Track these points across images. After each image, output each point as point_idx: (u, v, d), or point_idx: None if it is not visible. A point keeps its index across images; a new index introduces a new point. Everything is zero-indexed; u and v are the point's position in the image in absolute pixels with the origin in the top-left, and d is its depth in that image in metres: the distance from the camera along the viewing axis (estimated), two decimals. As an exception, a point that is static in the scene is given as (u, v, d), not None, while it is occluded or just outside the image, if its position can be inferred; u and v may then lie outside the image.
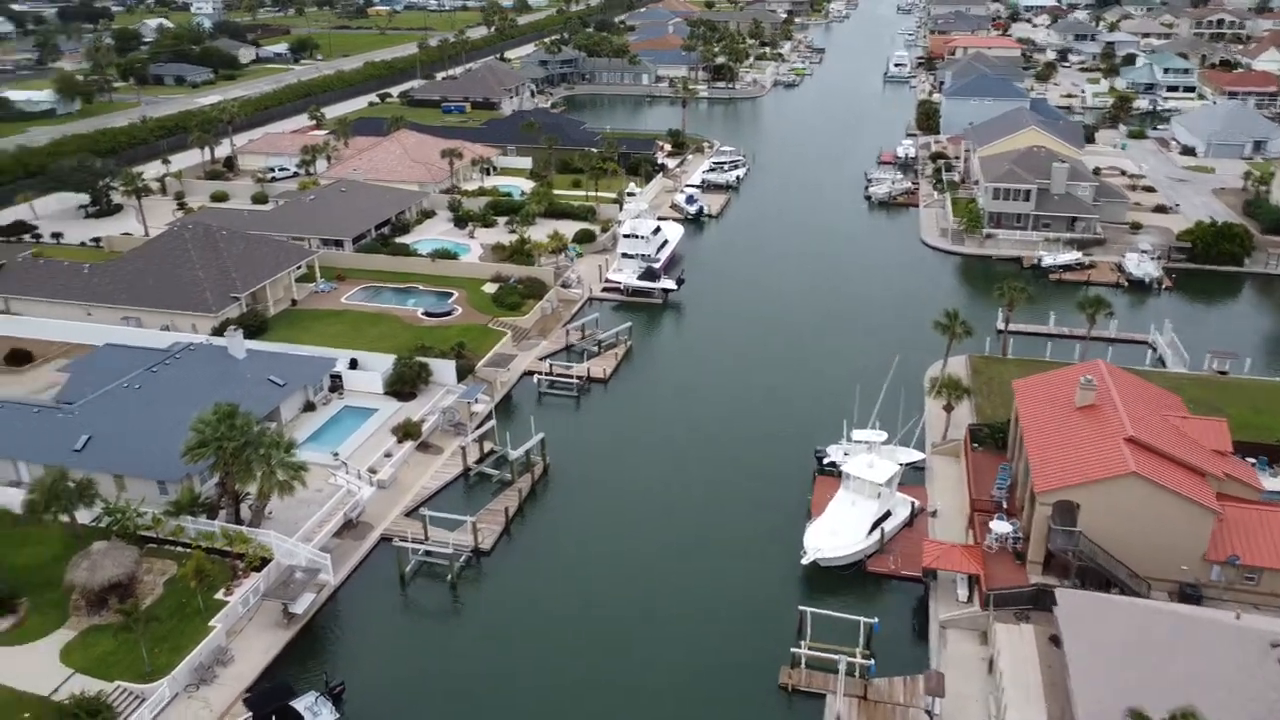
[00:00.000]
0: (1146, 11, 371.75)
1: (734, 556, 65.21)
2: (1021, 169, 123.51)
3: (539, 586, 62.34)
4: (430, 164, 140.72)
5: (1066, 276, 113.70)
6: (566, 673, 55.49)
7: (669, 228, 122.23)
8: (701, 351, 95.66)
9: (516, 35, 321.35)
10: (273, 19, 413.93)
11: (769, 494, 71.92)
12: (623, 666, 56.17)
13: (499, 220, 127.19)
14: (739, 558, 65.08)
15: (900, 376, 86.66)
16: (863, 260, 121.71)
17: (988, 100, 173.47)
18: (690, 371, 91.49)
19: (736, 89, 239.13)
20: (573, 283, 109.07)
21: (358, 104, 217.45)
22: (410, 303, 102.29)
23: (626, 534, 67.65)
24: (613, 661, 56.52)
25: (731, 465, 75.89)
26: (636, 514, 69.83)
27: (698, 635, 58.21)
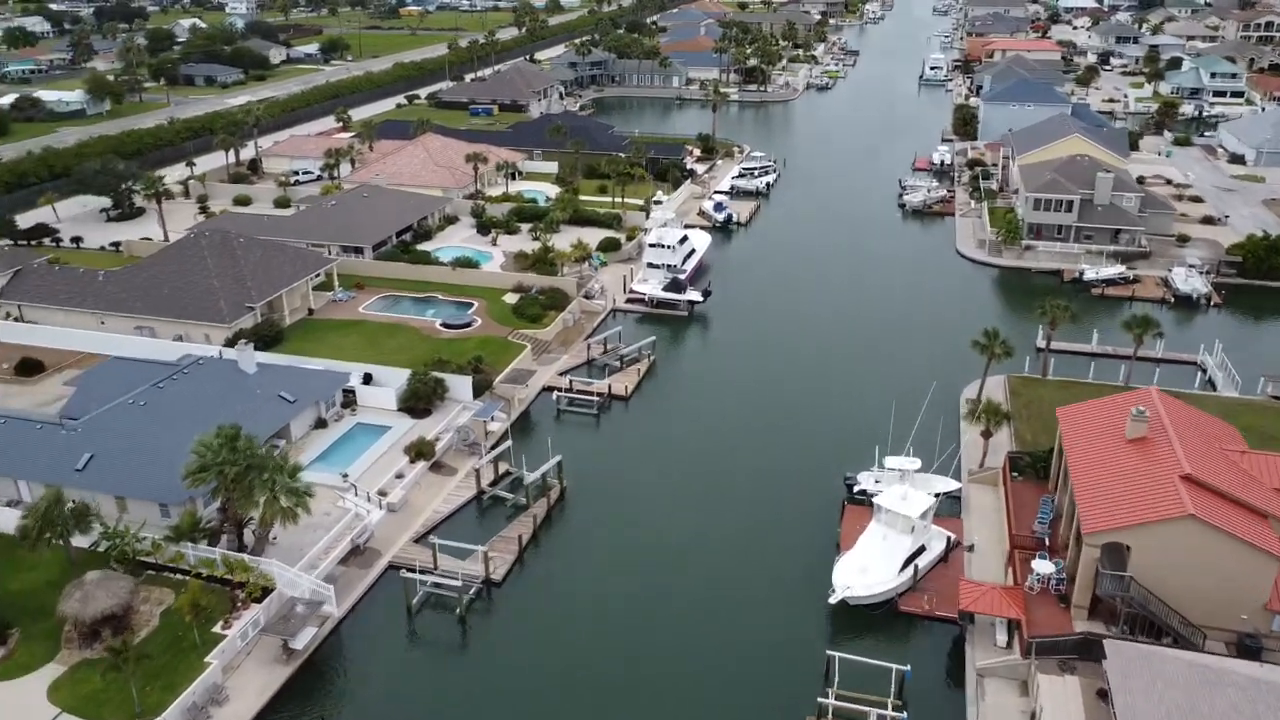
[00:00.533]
0: (1190, 14, 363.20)
1: (757, 593, 61.83)
2: (1064, 178, 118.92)
3: (552, 622, 59.32)
4: (454, 169, 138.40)
5: (1109, 292, 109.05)
6: (579, 717, 52.43)
7: (696, 236, 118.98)
8: (727, 368, 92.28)
9: (547, 36, 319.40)
10: (305, 19, 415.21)
11: (796, 523, 68.47)
12: (637, 715, 52.99)
13: (523, 227, 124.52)
14: (763, 594, 61.70)
15: (935, 398, 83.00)
16: (896, 272, 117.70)
17: (1028, 106, 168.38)
18: (715, 389, 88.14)
19: (768, 92, 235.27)
20: (596, 293, 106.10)
21: (385, 105, 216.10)
22: (429, 313, 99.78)
23: (644, 566, 64.46)
24: (626, 709, 53.36)
25: (756, 491, 72.49)
26: (655, 544, 66.65)
27: (718, 681, 54.87)
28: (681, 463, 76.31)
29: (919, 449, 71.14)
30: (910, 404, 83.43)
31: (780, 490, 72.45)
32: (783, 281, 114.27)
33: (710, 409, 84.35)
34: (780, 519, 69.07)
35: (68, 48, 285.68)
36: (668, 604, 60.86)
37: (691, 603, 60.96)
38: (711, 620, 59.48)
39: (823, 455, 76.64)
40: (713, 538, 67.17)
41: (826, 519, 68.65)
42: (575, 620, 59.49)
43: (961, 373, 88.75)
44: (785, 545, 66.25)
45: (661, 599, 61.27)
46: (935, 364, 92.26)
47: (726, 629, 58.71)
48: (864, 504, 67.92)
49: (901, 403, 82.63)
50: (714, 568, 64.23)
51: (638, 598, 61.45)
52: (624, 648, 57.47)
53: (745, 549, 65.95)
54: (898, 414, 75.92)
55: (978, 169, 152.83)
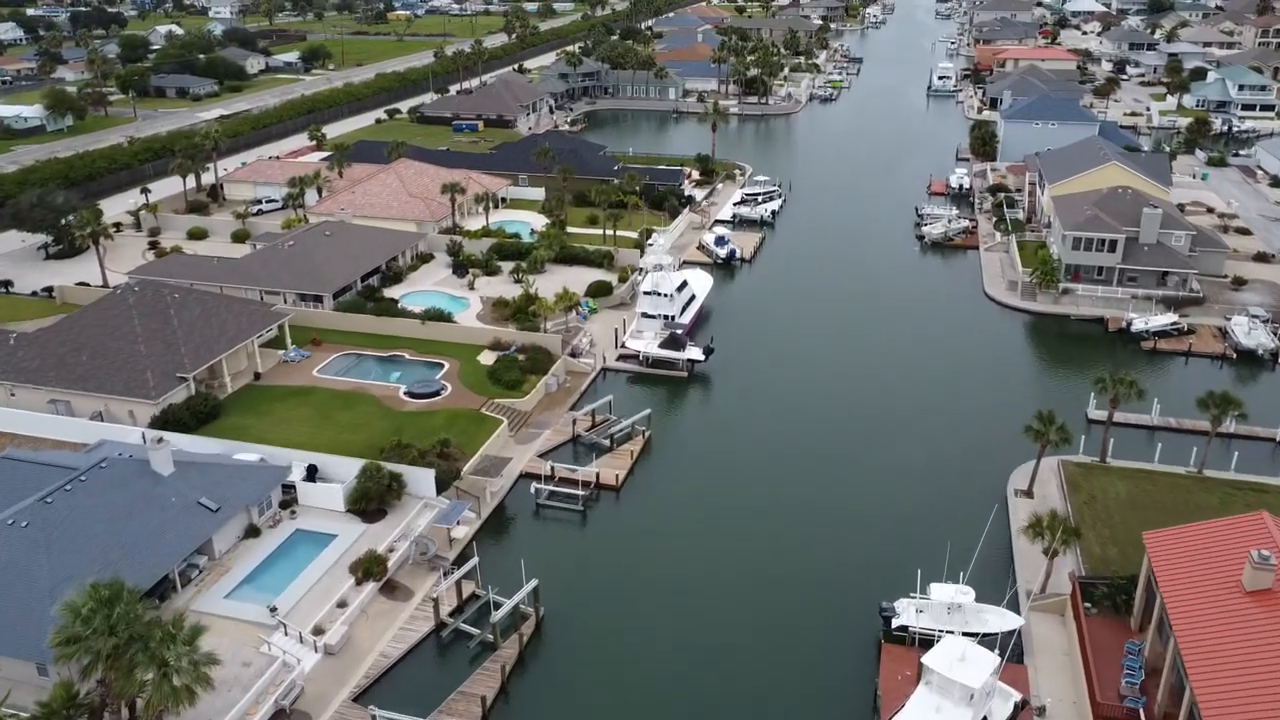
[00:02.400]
0: (1202, 18, 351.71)
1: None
2: (1106, 214, 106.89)
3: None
4: (430, 199, 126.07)
5: (1162, 345, 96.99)
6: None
7: (696, 278, 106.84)
8: (732, 448, 79.88)
9: (538, 43, 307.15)
10: (290, 23, 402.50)
11: (820, 668, 56.28)
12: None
13: (504, 266, 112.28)
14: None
15: (980, 484, 71.19)
16: (919, 320, 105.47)
17: (1051, 124, 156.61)
18: (719, 477, 75.75)
19: (770, 104, 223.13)
20: (583, 350, 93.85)
21: (364, 121, 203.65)
22: (394, 376, 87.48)
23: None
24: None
25: (770, 621, 60.20)
26: (647, 698, 54.39)
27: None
28: (679, 579, 63.97)
29: (959, 551, 59.14)
30: (949, 495, 71.70)
31: (799, 620, 60.17)
32: (793, 333, 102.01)
33: (713, 504, 71.94)
34: (800, 661, 56.81)
35: (35, 56, 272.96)
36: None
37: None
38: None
39: (848, 567, 64.49)
40: (718, 688, 54.91)
41: (858, 661, 56.47)
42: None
43: (1005, 450, 76.95)
44: (808, 699, 54.03)
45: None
46: (974, 439, 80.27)
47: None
48: (904, 643, 55.92)
49: (939, 494, 71.26)
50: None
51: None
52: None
53: (758, 707, 53.70)
54: (935, 509, 64.36)
55: (1001, 195, 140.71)
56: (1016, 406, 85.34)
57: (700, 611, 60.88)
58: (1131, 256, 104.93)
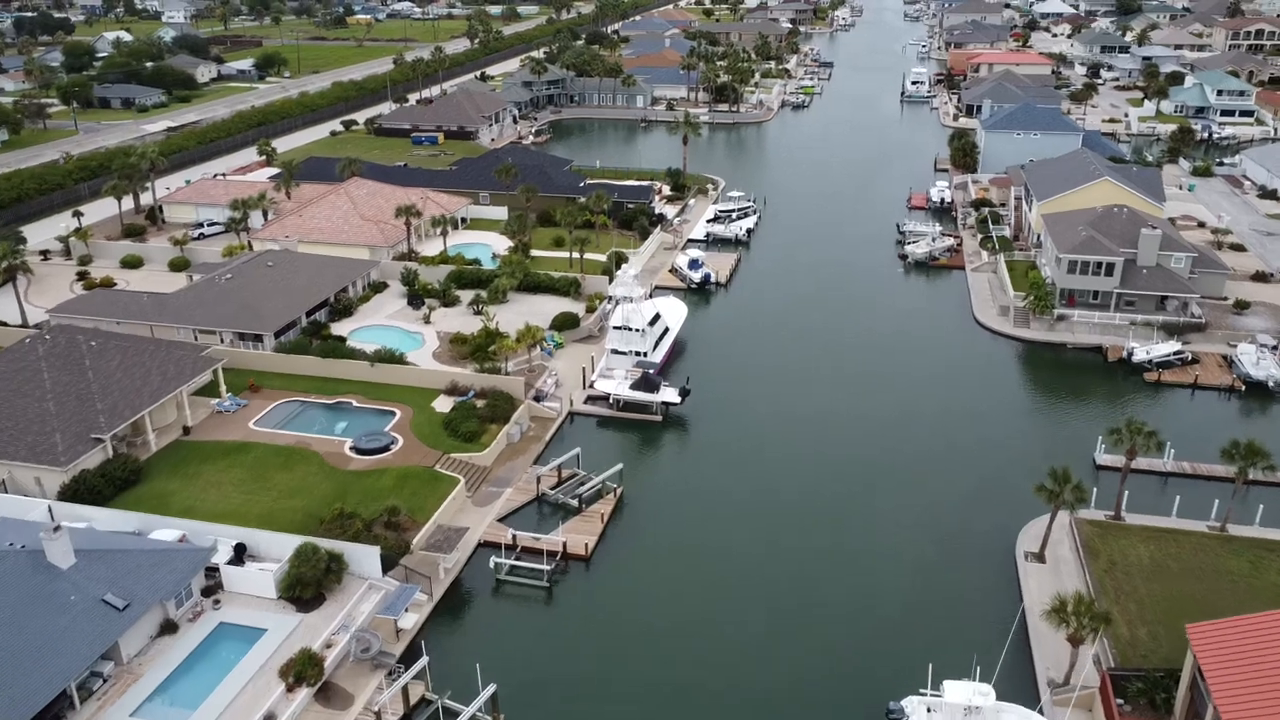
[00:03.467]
0: (1170, 20, 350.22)
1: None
2: (1102, 235, 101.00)
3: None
4: (384, 222, 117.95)
5: (1166, 376, 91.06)
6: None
7: (669, 307, 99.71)
8: (712, 507, 72.55)
9: (502, 48, 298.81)
10: (246, 29, 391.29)
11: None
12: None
13: (463, 296, 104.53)
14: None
15: (988, 543, 64.76)
16: (907, 351, 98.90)
17: (1034, 134, 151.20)
18: (698, 542, 68.40)
19: (741, 112, 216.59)
20: (548, 392, 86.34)
21: (319, 133, 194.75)
22: (340, 428, 79.49)
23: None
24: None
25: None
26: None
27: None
28: (657, 672, 56.58)
29: (968, 632, 52.64)
30: (953, 561, 65.13)
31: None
32: (774, 369, 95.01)
33: (694, 578, 64.56)
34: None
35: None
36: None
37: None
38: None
39: (848, 654, 57.55)
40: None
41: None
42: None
43: (1010, 503, 70.78)
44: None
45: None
46: (975, 490, 73.77)
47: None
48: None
49: (943, 560, 64.76)
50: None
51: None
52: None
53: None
54: (940, 580, 58.18)
55: (985, 210, 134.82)
56: (1018, 450, 79.31)
57: (682, 715, 53.58)
58: (1130, 280, 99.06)
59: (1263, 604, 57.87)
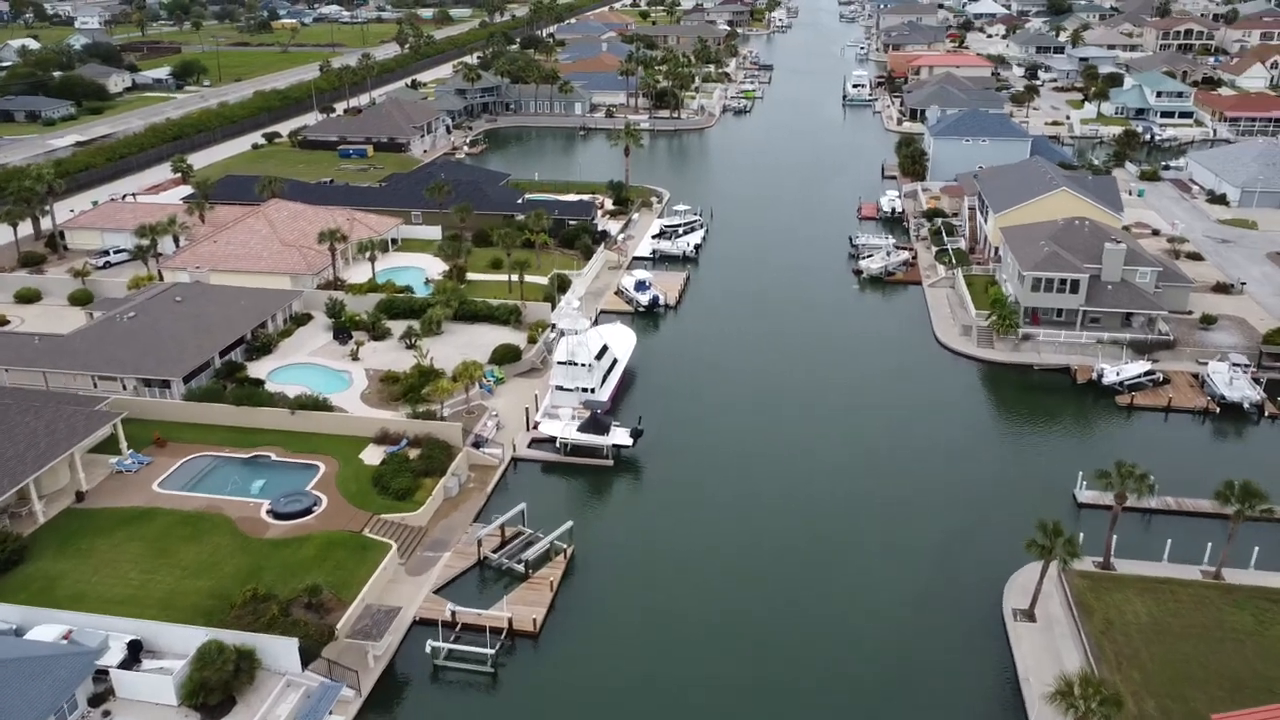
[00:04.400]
0: (1101, 20, 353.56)
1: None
2: (1065, 250, 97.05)
3: None
4: (307, 247, 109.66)
5: (1138, 399, 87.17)
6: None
7: (617, 336, 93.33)
8: (671, 564, 66.24)
9: (433, 54, 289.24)
10: (164, 35, 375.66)
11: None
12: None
13: (394, 327, 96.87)
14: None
15: (969, 598, 59.58)
16: (868, 376, 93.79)
17: (983, 140, 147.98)
18: (656, 609, 61.89)
19: (682, 118, 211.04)
20: (488, 437, 79.32)
21: (239, 146, 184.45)
22: (256, 487, 71.63)
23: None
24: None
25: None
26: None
27: None
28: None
29: (957, 691, 47.37)
30: (935, 620, 59.70)
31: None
32: (730, 399, 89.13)
33: (654, 652, 58.01)
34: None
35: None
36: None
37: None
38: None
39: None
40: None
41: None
42: None
43: (991, 547, 66.42)
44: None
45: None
46: (952, 533, 68.68)
47: None
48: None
49: (924, 620, 59.27)
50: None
51: None
52: None
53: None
54: (922, 644, 52.79)
55: (938, 221, 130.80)
56: (994, 487, 74.57)
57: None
58: (1095, 297, 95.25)
59: (1273, 664, 53.59)
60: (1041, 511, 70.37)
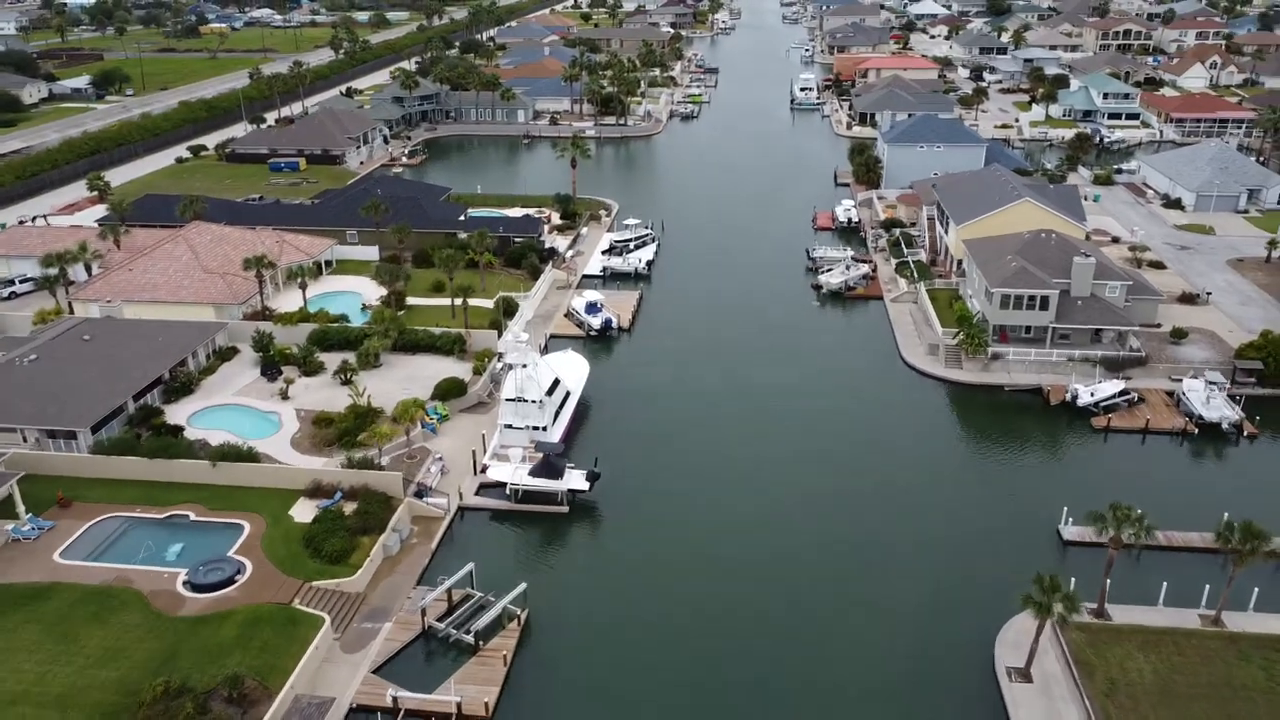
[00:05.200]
0: (1040, 20, 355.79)
1: None
2: (1033, 265, 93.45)
3: None
4: (233, 274, 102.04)
5: (1115, 421, 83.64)
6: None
7: (568, 365, 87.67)
8: (634, 625, 60.73)
9: (369, 59, 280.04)
10: (85, 41, 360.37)
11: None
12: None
13: (329, 361, 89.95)
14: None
15: (958, 654, 54.85)
16: (835, 401, 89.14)
17: (937, 147, 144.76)
18: (621, 680, 56.40)
19: (629, 125, 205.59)
20: (431, 485, 73.03)
21: (163, 160, 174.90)
22: (173, 552, 64.63)
23: None
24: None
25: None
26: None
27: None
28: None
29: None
30: (922, 680, 54.94)
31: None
32: (690, 431, 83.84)
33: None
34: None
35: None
36: None
37: None
38: None
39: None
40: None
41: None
42: None
43: (978, 595, 61.83)
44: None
45: None
46: (934, 578, 64.18)
47: None
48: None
49: (909, 682, 54.56)
50: None
51: None
52: None
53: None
54: (909, 706, 47.57)
55: (896, 231, 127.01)
56: (975, 525, 70.40)
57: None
58: (1065, 313, 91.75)
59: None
60: (1026, 551, 67.08)
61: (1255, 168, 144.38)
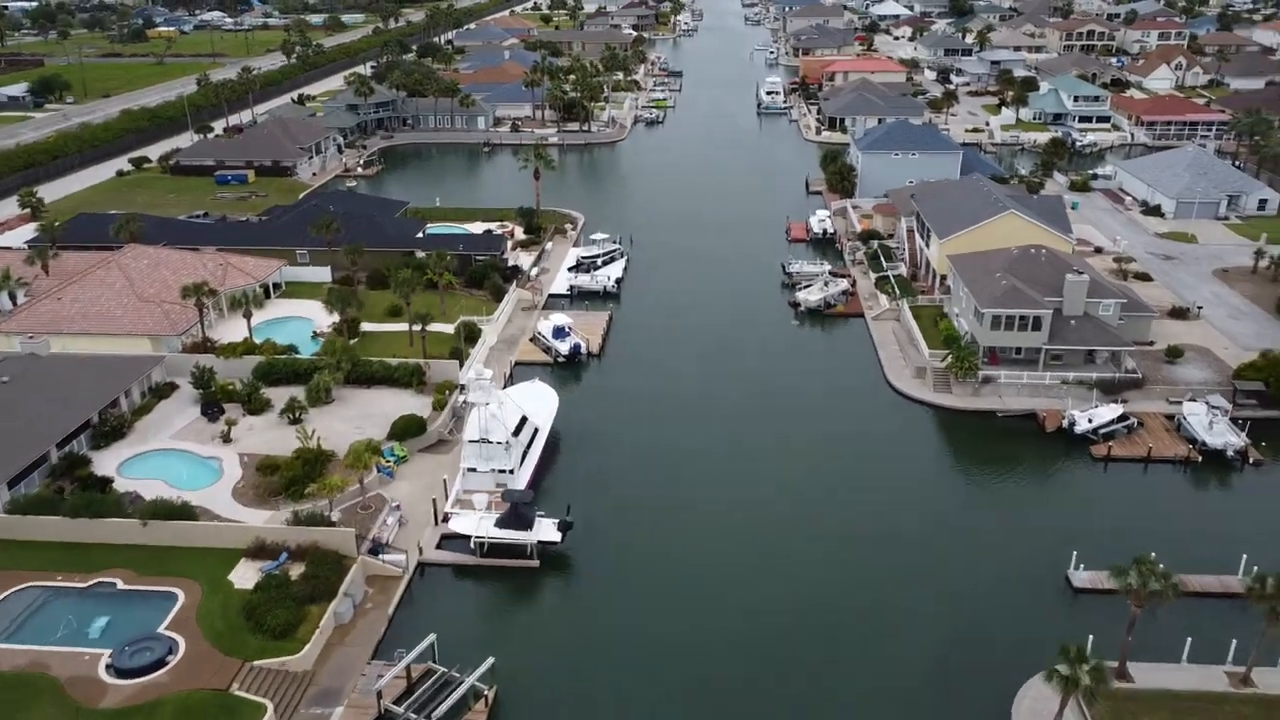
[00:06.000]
0: (1000, 20, 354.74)
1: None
2: (1024, 283, 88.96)
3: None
4: (170, 302, 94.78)
5: (1115, 450, 79.17)
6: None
7: (536, 398, 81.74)
8: (615, 699, 55.11)
9: (323, 63, 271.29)
10: (25, 46, 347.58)
11: None
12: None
13: (275, 398, 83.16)
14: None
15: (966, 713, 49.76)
16: (820, 431, 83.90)
17: (913, 154, 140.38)
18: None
19: (593, 131, 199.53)
20: (388, 538, 66.76)
21: (104, 173, 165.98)
22: (95, 629, 57.80)
23: None
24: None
25: None
26: None
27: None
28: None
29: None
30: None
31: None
32: (667, 468, 78.14)
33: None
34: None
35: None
36: None
37: None
38: None
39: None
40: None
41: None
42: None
43: (988, 651, 56.91)
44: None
45: None
46: (940, 634, 59.06)
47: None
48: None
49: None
50: None
51: None
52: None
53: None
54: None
55: (874, 244, 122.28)
56: (976, 569, 65.87)
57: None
58: (1058, 334, 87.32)
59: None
60: (1034, 599, 62.55)
61: (1234, 173, 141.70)
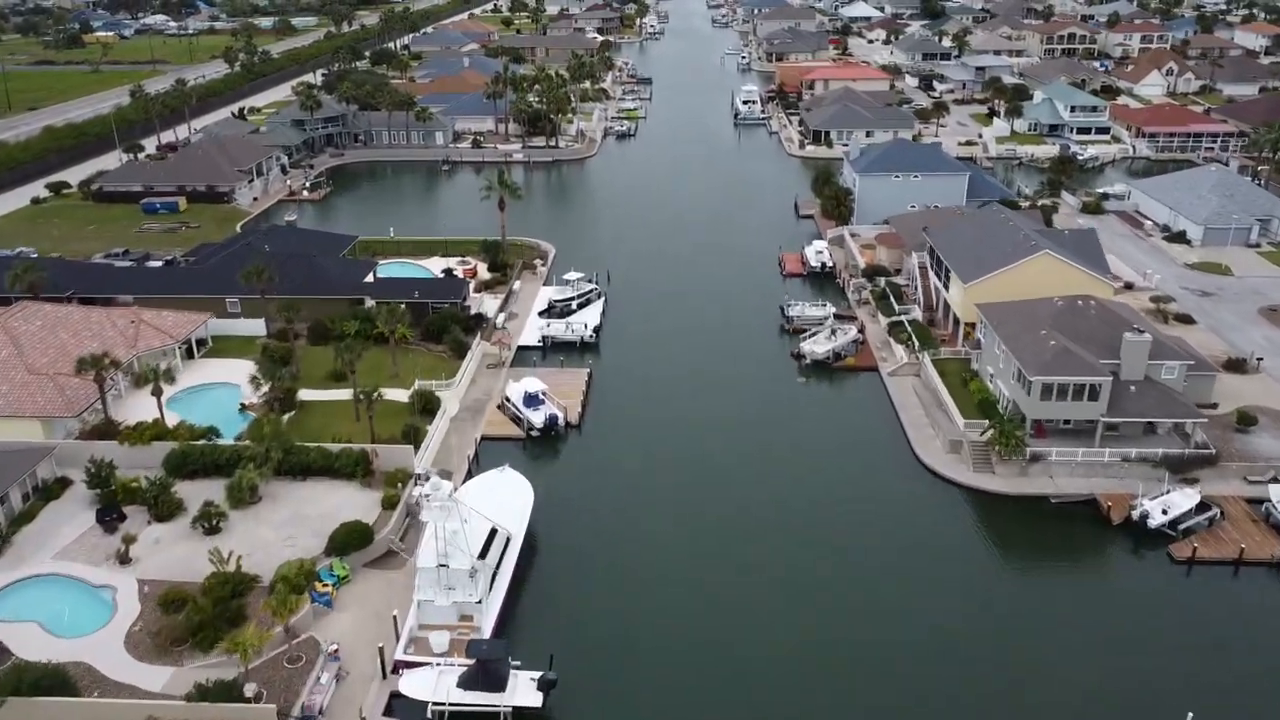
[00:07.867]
0: (974, 22, 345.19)
1: None
2: (1075, 343, 76.37)
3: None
4: (67, 374, 79.30)
5: (1200, 548, 66.70)
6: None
7: (506, 494, 68.34)
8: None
9: (270, 72, 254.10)
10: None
11: None
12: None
13: (190, 500, 68.36)
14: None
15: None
16: (843, 524, 70.69)
17: (915, 176, 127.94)
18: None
19: (560, 147, 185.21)
20: (322, 702, 52.38)
21: (16, 200, 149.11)
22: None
23: None
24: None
25: None
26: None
27: None
28: None
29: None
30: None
31: None
32: (664, 582, 64.53)
33: None
34: None
35: None
36: None
37: None
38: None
39: None
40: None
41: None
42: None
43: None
44: None
45: None
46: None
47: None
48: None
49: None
50: None
51: None
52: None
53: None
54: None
55: (882, 282, 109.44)
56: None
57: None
58: (1117, 403, 74.78)
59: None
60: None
61: (1262, 194, 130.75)
